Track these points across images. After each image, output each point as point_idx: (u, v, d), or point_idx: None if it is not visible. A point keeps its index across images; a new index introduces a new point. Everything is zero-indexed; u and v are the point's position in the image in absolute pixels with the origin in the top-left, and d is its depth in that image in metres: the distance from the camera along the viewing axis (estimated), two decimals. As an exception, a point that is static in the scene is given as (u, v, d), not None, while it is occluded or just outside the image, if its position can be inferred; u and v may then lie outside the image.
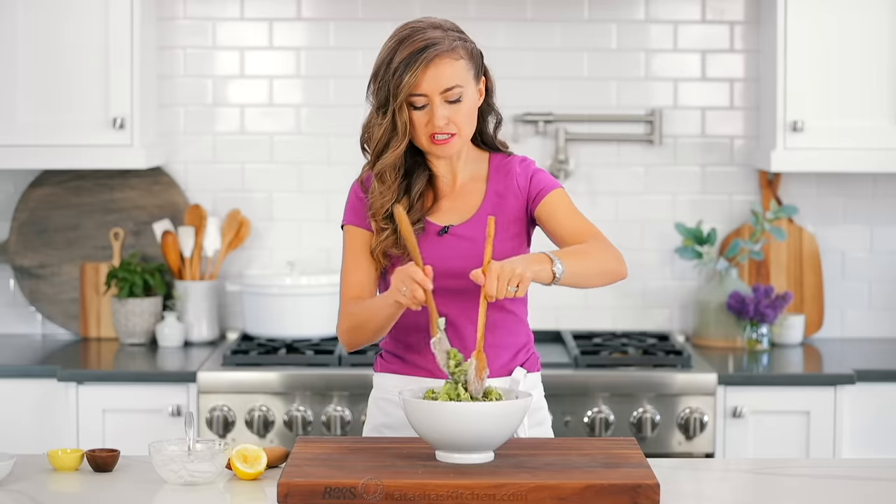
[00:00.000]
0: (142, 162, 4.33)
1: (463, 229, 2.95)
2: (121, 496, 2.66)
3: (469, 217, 2.96)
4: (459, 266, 2.89)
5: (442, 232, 2.95)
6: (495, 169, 3.01)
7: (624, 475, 2.55)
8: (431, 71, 2.85)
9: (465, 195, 2.99)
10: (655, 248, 4.68)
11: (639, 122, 4.66)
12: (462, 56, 2.89)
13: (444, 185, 3.00)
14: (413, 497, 2.49)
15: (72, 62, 4.30)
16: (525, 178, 2.99)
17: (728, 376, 4.09)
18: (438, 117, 2.86)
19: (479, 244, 2.89)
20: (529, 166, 3.02)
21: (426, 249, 2.90)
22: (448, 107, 2.87)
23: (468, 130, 2.92)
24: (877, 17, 4.31)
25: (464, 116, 2.89)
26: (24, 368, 4.15)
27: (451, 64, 2.87)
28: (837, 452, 4.09)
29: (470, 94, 2.91)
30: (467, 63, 2.90)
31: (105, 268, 4.59)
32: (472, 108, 2.92)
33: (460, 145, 2.93)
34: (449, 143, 2.90)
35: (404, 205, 2.92)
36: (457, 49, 2.88)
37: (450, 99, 2.87)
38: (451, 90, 2.87)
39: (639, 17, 4.64)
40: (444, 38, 2.88)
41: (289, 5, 4.63)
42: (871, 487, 2.75)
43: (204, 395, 4.05)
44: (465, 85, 2.89)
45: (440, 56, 2.85)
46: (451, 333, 2.91)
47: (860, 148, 4.34)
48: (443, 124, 2.87)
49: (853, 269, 4.70)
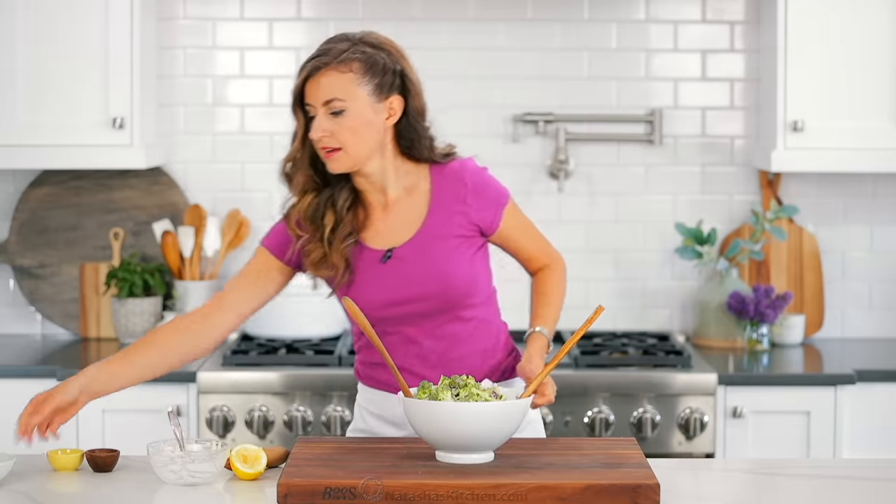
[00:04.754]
0: (141, 162, 4.33)
1: (405, 251, 2.90)
2: (121, 496, 2.66)
3: (410, 236, 2.91)
4: (409, 292, 2.87)
5: (385, 258, 2.90)
6: (438, 179, 2.93)
7: (624, 475, 2.55)
8: (313, 81, 2.83)
9: (401, 212, 2.92)
10: (655, 248, 4.68)
11: (639, 122, 4.66)
12: (353, 70, 2.82)
13: (375, 202, 2.93)
14: (413, 497, 2.49)
15: (72, 62, 4.30)
16: (478, 196, 2.92)
17: (728, 376, 4.09)
18: (314, 129, 2.83)
19: (426, 263, 2.88)
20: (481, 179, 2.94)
21: (372, 278, 2.87)
22: (329, 119, 2.82)
23: (357, 147, 2.84)
24: (877, 16, 4.31)
25: (348, 131, 2.82)
26: (24, 368, 4.15)
27: (334, 76, 2.81)
28: (837, 452, 4.09)
29: (359, 109, 2.83)
30: (359, 77, 2.82)
31: (105, 268, 4.59)
32: (361, 123, 2.83)
33: (348, 163, 2.85)
34: (332, 157, 2.84)
35: (331, 218, 2.88)
36: (348, 62, 2.82)
37: (331, 111, 2.82)
38: (330, 102, 2.82)
39: (639, 17, 4.64)
40: (343, 50, 2.82)
41: (289, 5, 4.63)
42: (871, 487, 2.75)
43: (204, 395, 4.05)
44: (350, 99, 2.81)
45: (325, 68, 2.82)
46: (411, 353, 2.91)
47: (860, 148, 4.34)
48: (316, 136, 2.83)
49: (853, 269, 4.70)
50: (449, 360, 2.92)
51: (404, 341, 2.91)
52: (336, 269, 2.89)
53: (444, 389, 2.67)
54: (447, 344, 2.92)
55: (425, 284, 2.88)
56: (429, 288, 2.88)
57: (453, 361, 2.92)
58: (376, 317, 2.88)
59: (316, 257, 2.90)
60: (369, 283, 2.88)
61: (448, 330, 2.92)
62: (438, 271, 2.88)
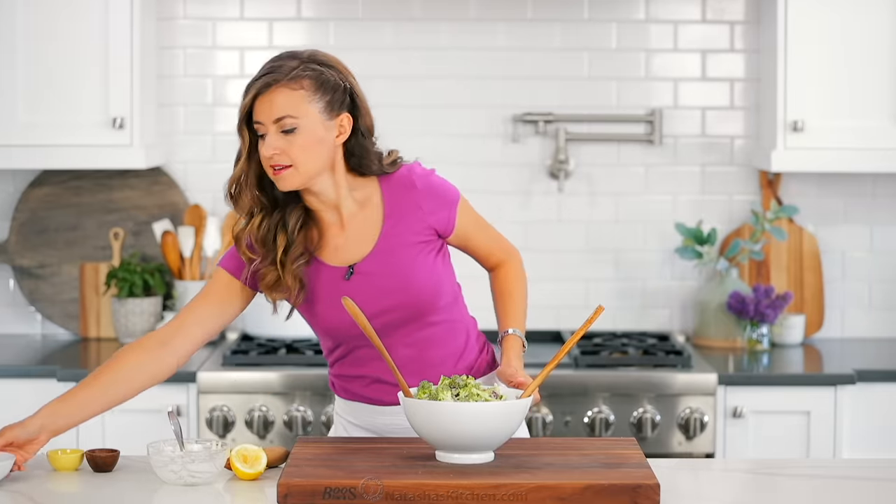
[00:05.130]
0: (141, 162, 4.33)
1: (367, 265, 2.88)
2: (121, 496, 2.66)
3: (370, 250, 2.88)
4: (376, 306, 2.86)
5: (348, 275, 2.88)
6: (389, 189, 2.91)
7: (624, 475, 2.55)
8: (264, 98, 2.79)
9: (357, 227, 2.90)
10: (655, 248, 4.68)
11: (639, 122, 4.66)
12: (305, 87, 2.79)
13: (329, 220, 2.90)
14: (413, 497, 2.49)
15: (72, 62, 4.30)
16: (430, 199, 2.90)
17: (728, 376, 4.09)
18: (265, 146, 2.79)
19: (389, 275, 2.86)
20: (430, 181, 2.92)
21: (336, 296, 2.84)
22: (281, 137, 2.79)
23: (309, 165, 2.80)
24: (877, 16, 4.31)
25: (299, 149, 2.79)
26: (24, 368, 4.15)
27: (286, 94, 2.78)
28: (837, 452, 4.09)
29: (310, 127, 2.79)
30: (310, 94, 2.79)
31: (105, 268, 4.59)
32: (313, 141, 2.80)
33: (299, 180, 2.81)
34: (282, 174, 2.80)
35: (282, 240, 2.86)
36: (299, 79, 2.79)
37: (282, 129, 2.79)
38: (282, 120, 2.78)
39: (639, 17, 4.64)
40: (294, 68, 2.79)
41: (289, 5, 4.63)
42: (871, 487, 2.75)
43: (204, 395, 4.05)
44: (302, 116, 2.78)
45: (275, 85, 2.78)
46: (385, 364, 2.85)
47: (860, 148, 4.34)
48: (268, 154, 2.79)
49: (853, 269, 4.70)
50: (424, 365, 2.91)
51: (376, 353, 2.87)
52: (290, 291, 2.86)
53: (444, 389, 2.67)
54: (419, 350, 2.91)
55: (392, 295, 2.86)
56: (396, 298, 2.87)
57: (428, 366, 2.91)
58: (348, 334, 2.87)
59: (270, 280, 2.87)
60: (335, 303, 2.85)
61: (419, 336, 2.91)
62: (403, 281, 2.87)
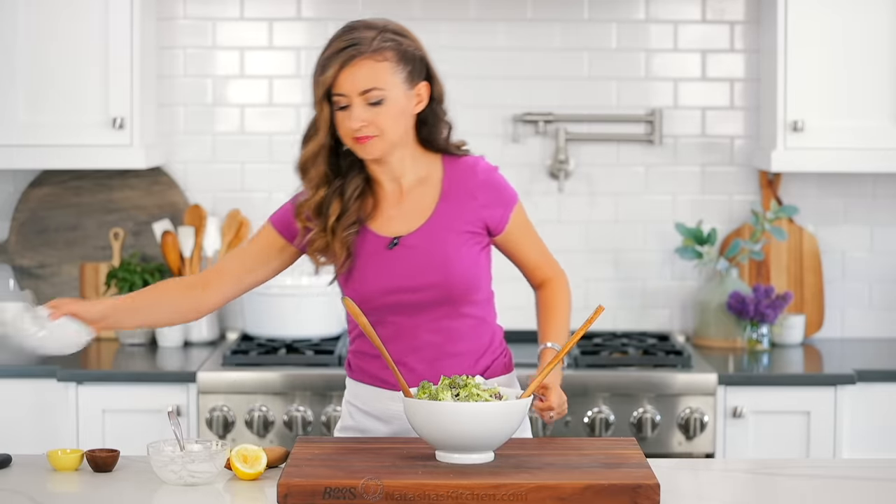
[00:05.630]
0: (141, 162, 4.33)
1: (413, 239, 2.90)
2: (121, 496, 2.66)
3: (420, 225, 2.91)
4: (413, 280, 2.88)
5: (392, 245, 2.90)
6: (451, 171, 2.94)
7: (624, 475, 2.55)
8: (349, 71, 2.81)
9: (413, 200, 2.93)
10: (655, 248, 4.68)
11: (639, 122, 4.66)
12: (388, 58, 2.82)
13: (388, 191, 2.93)
14: (413, 497, 2.49)
15: (72, 62, 4.30)
16: (488, 192, 2.93)
17: (728, 376, 4.09)
18: (353, 119, 2.81)
19: (432, 253, 2.88)
20: (493, 178, 2.95)
21: (377, 265, 2.88)
22: (368, 109, 2.82)
23: (394, 134, 2.85)
24: (877, 16, 4.31)
25: (386, 119, 2.82)
26: (23, 368, 4.15)
27: (371, 66, 2.81)
28: (837, 452, 4.09)
29: (396, 98, 2.83)
30: (394, 65, 2.83)
31: (105, 268, 4.59)
32: (398, 111, 2.84)
33: (383, 147, 2.86)
34: (367, 142, 2.83)
35: (337, 207, 2.88)
36: (382, 51, 2.82)
37: (369, 101, 2.81)
38: (369, 92, 2.81)
39: (639, 17, 4.64)
40: (373, 38, 2.82)
41: (289, 5, 4.63)
42: (871, 487, 2.75)
43: (204, 395, 4.05)
44: (389, 88, 2.82)
45: (360, 57, 2.80)
46: (406, 345, 2.90)
47: (860, 148, 4.33)
48: (357, 126, 2.82)
49: (853, 269, 4.70)
50: (443, 355, 2.92)
51: (400, 333, 2.91)
52: (337, 258, 2.89)
53: (444, 389, 2.67)
54: (443, 339, 2.92)
55: (429, 274, 2.88)
56: (432, 277, 2.88)
57: (447, 357, 2.92)
58: (377, 304, 2.89)
59: (319, 246, 2.90)
60: (373, 270, 2.88)
61: (446, 325, 2.92)
62: (443, 262, 2.88)
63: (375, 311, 2.89)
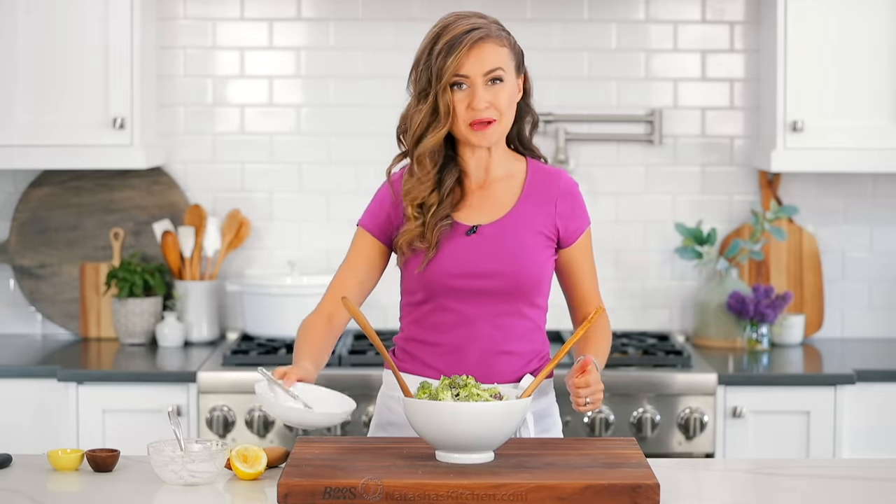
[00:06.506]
0: (142, 162, 4.33)
1: (491, 229, 2.94)
2: (121, 496, 2.66)
3: (500, 216, 2.95)
4: (485, 267, 2.91)
5: (470, 232, 2.93)
6: (535, 174, 3.00)
7: (624, 475, 2.55)
8: (475, 52, 2.85)
9: (496, 193, 2.97)
10: (655, 248, 4.68)
11: (639, 122, 4.66)
12: (506, 45, 2.90)
13: (475, 181, 2.97)
14: (413, 497, 2.49)
15: (72, 62, 4.30)
16: (568, 203, 2.98)
17: (728, 376, 4.09)
18: (479, 99, 2.85)
19: (507, 244, 2.91)
20: (575, 192, 3.00)
21: (453, 249, 2.91)
22: (490, 90, 2.86)
23: (508, 118, 2.90)
24: (877, 16, 4.31)
25: (505, 100, 2.88)
26: (24, 368, 4.15)
27: (495, 48, 2.87)
28: (837, 452, 4.09)
29: (511, 82, 2.90)
30: (510, 52, 2.90)
31: (105, 268, 4.59)
32: (512, 95, 2.90)
33: (499, 133, 2.91)
34: (488, 129, 2.87)
35: (434, 199, 2.91)
36: (502, 38, 2.89)
37: (491, 79, 2.86)
38: (493, 71, 2.85)
39: (639, 17, 4.64)
40: (492, 25, 2.90)
41: (289, 5, 4.63)
42: (871, 487, 2.75)
43: (204, 395, 4.05)
44: (508, 71, 2.89)
45: (485, 39, 2.86)
46: (466, 334, 2.92)
47: (860, 148, 4.34)
48: (483, 107, 2.86)
49: (853, 269, 4.70)
50: (499, 350, 2.93)
51: (462, 321, 2.92)
52: (429, 247, 2.91)
53: (444, 389, 2.68)
54: (503, 335, 2.93)
55: (499, 262, 2.90)
56: (502, 267, 2.90)
57: (502, 354, 2.93)
58: (446, 286, 2.90)
59: (411, 236, 2.91)
60: (448, 253, 2.90)
61: (508, 322, 2.93)
62: (516, 254, 2.91)
63: (443, 294, 2.91)
